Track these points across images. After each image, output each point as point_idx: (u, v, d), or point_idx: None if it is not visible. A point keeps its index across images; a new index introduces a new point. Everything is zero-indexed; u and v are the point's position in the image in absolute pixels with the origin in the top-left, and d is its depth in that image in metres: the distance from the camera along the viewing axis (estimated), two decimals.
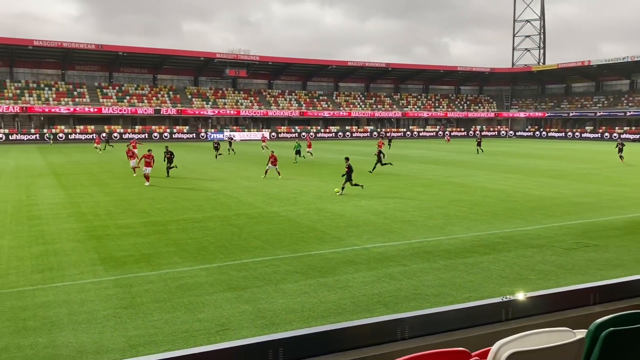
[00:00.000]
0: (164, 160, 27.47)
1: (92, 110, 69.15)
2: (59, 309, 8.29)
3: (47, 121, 69.50)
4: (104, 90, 74.33)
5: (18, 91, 68.30)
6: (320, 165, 34.65)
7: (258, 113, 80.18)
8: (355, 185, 20.95)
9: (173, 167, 26.88)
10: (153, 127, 73.69)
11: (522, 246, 12.40)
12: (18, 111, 65.56)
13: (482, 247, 12.32)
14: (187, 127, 76.40)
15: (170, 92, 78.70)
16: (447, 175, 28.09)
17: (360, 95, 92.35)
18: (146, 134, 70.59)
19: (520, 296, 3.24)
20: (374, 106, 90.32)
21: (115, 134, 69.04)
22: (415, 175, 28.33)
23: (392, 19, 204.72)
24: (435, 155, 44.98)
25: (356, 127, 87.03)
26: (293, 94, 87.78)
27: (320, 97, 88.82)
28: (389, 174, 28.18)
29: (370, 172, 27.93)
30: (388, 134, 73.30)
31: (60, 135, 66.39)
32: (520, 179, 26.33)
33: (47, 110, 67.08)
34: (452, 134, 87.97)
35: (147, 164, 24.37)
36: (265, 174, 26.07)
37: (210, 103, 79.10)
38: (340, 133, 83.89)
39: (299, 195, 20.64)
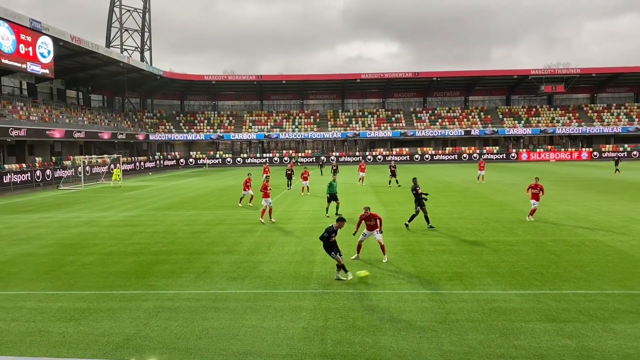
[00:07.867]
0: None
1: (407, 133, 74.47)
2: (381, 314, 9.09)
3: (368, 144, 78.12)
4: (419, 115, 79.27)
5: (347, 119, 78.81)
6: None
7: (577, 130, 73.13)
8: None
9: None
10: (463, 148, 74.93)
11: None
12: (349, 136, 75.39)
13: None
14: (497, 148, 75.07)
15: (481, 113, 78.77)
16: None
17: None
18: (455, 155, 72.37)
19: None
20: None
21: (427, 155, 72.88)
22: None
23: None
24: None
25: None
26: (622, 107, 77.08)
27: None
28: None
29: None
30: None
31: (379, 157, 73.29)
32: None
33: (370, 135, 75.20)
34: None
35: (265, 195, 19.91)
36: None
37: (522, 122, 76.00)
38: None
39: (630, 224, 17.91)
